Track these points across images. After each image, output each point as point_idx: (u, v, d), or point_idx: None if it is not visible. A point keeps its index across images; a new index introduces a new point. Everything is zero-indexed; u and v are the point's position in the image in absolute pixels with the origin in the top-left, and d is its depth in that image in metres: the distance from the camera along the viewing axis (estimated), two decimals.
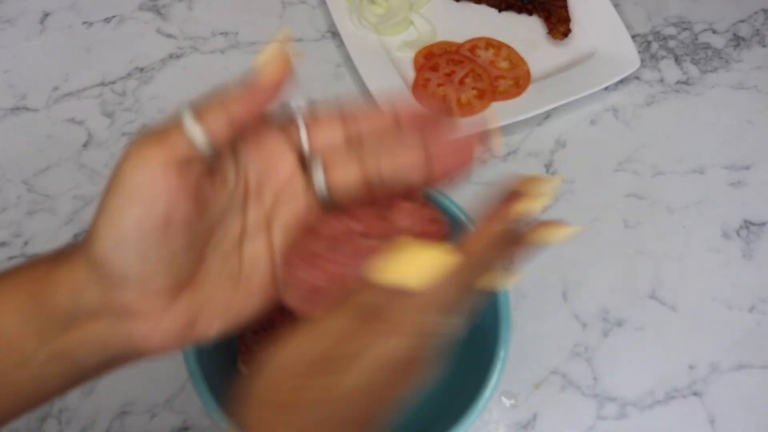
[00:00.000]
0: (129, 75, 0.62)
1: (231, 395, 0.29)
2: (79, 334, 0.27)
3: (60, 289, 0.27)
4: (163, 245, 0.26)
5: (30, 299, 0.27)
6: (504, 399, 0.50)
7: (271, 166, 0.29)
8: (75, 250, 0.28)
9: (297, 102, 0.29)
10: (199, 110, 0.26)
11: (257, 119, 0.27)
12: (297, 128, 0.29)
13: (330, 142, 0.29)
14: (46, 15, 0.65)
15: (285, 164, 0.29)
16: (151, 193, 0.25)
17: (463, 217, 0.42)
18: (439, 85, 0.60)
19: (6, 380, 0.28)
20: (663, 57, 0.64)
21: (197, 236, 0.27)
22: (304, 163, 0.29)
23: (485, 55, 0.63)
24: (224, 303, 0.29)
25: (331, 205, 0.29)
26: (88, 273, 0.27)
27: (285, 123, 0.29)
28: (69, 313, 0.27)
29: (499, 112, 0.59)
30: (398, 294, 0.26)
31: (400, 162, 0.28)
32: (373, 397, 0.26)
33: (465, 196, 0.57)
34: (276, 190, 0.29)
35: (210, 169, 0.27)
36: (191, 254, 0.27)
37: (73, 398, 0.49)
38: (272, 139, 0.29)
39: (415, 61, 0.62)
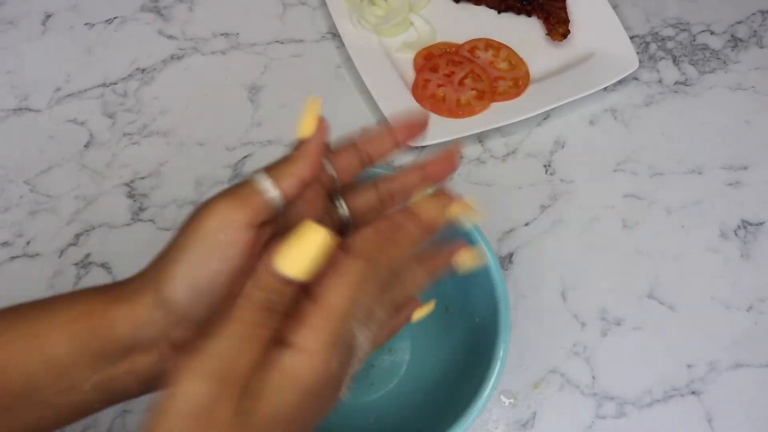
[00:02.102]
0: (130, 76, 0.62)
1: None
2: (128, 366, 0.29)
3: (120, 325, 0.28)
4: (225, 287, 0.28)
5: (86, 333, 0.28)
6: (503, 398, 0.50)
7: (311, 207, 0.32)
8: (138, 288, 0.29)
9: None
10: (273, 173, 0.29)
11: (317, 175, 0.31)
12: (326, 172, 0.32)
13: (349, 170, 0.33)
14: (48, 16, 0.65)
15: (320, 203, 0.33)
16: (233, 251, 0.28)
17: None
18: (439, 86, 0.61)
19: (53, 403, 0.29)
20: (661, 58, 0.65)
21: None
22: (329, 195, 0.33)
23: (485, 56, 0.63)
24: None
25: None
26: (153, 310, 0.28)
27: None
28: (125, 347, 0.29)
29: (499, 113, 0.59)
30: (289, 285, 0.26)
31: (404, 182, 0.34)
32: (294, 420, 0.25)
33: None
34: None
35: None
36: None
37: None
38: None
39: (415, 62, 0.63)
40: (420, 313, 0.35)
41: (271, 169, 0.30)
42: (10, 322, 0.29)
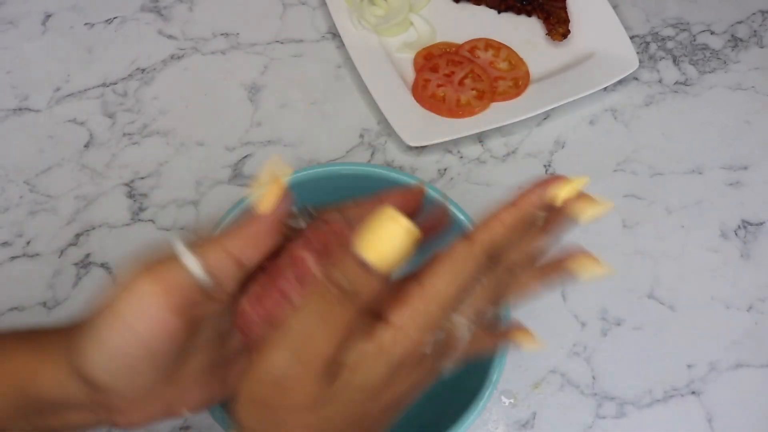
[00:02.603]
0: (130, 76, 0.62)
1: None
2: (63, 419, 0.28)
3: (46, 386, 0.28)
4: (151, 368, 0.26)
5: (14, 390, 0.28)
6: (503, 398, 0.50)
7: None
8: (57, 348, 0.28)
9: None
10: (196, 244, 0.26)
11: (260, 250, 0.28)
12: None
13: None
14: (48, 16, 0.65)
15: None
16: (146, 332, 0.25)
17: (462, 218, 0.42)
18: (439, 85, 0.61)
19: None
20: (661, 58, 0.65)
21: (187, 348, 0.28)
22: None
23: (485, 56, 0.63)
24: (204, 390, 0.29)
25: None
26: (73, 379, 0.27)
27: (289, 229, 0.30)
28: (54, 405, 0.28)
29: (499, 113, 0.59)
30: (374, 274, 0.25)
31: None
32: (381, 393, 0.26)
33: (464, 197, 0.58)
34: None
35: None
36: (177, 362, 0.28)
37: None
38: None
39: (415, 62, 0.63)
40: (525, 339, 0.32)
41: (198, 246, 0.26)
42: None
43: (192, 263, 0.26)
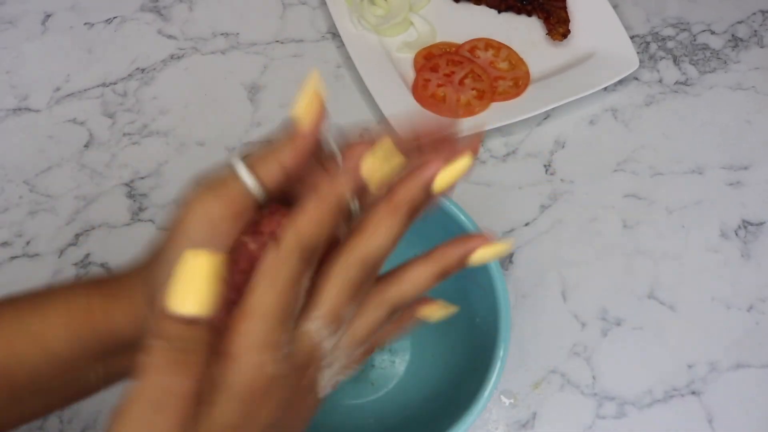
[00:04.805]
0: (130, 76, 0.62)
1: None
2: (134, 358, 0.27)
3: (119, 323, 0.28)
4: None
5: (86, 330, 0.28)
6: (503, 398, 0.50)
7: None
8: (134, 286, 0.29)
9: (331, 139, 0.30)
10: (251, 160, 0.27)
11: (305, 162, 0.28)
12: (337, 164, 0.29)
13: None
14: (48, 16, 0.65)
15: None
16: (212, 246, 0.26)
17: (464, 219, 0.42)
18: (439, 85, 0.60)
19: (60, 392, 0.29)
20: (662, 58, 0.65)
21: None
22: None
23: (485, 56, 0.63)
24: None
25: None
26: (147, 311, 0.28)
27: (326, 160, 0.30)
28: (127, 343, 0.28)
29: (499, 113, 0.59)
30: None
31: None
32: (245, 430, 0.24)
33: (465, 197, 0.58)
34: None
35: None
36: None
37: None
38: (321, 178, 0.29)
39: (415, 61, 0.63)
40: (435, 312, 0.32)
41: (251, 158, 0.27)
42: (8, 318, 0.28)
43: (245, 173, 0.27)
